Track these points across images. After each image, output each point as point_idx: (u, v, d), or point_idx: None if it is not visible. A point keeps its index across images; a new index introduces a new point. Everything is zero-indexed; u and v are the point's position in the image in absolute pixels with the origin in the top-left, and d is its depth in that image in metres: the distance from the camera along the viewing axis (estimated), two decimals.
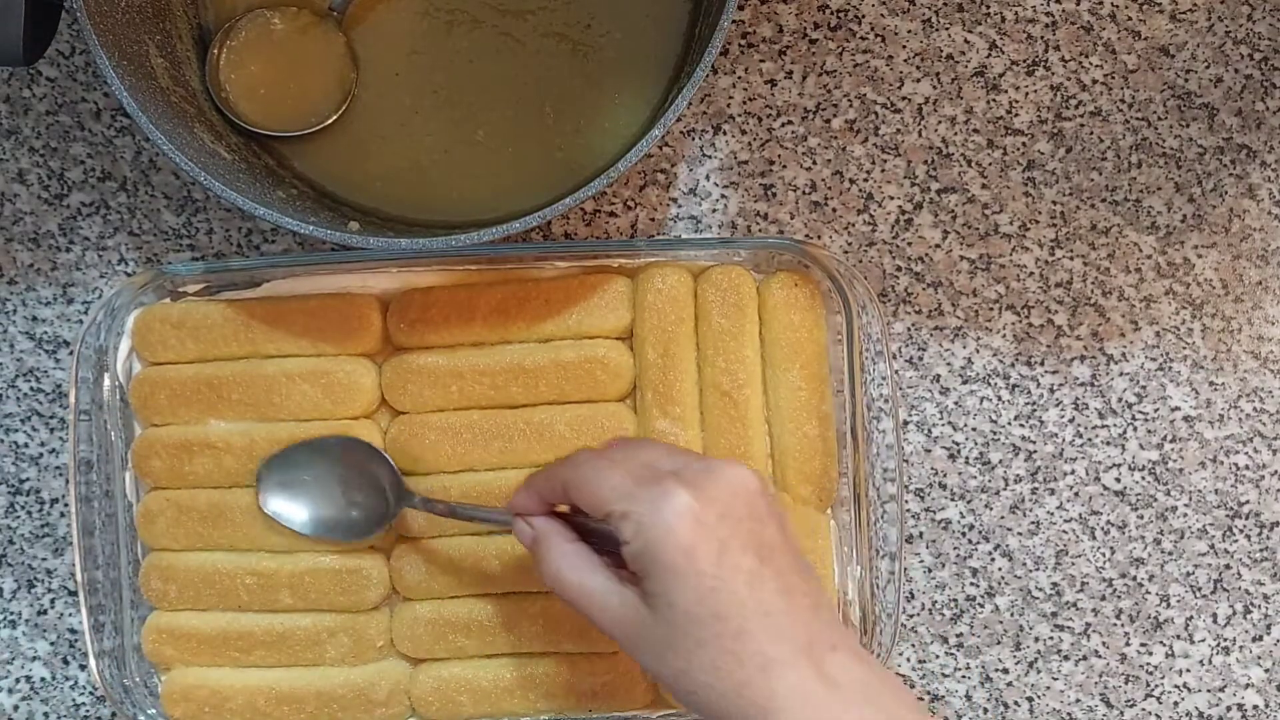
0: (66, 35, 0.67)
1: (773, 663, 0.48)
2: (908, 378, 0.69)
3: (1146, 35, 0.69)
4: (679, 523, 0.48)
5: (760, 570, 0.49)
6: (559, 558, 0.53)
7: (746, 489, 0.50)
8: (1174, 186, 0.69)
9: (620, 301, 0.65)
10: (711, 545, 0.48)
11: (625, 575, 0.51)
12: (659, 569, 0.49)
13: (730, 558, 0.49)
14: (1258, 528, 0.69)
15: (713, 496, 0.49)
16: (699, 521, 0.48)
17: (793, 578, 0.50)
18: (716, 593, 0.48)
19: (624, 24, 0.65)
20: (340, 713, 0.64)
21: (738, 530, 0.49)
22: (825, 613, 0.50)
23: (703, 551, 0.48)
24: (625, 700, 0.64)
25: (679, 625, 0.48)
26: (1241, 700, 0.69)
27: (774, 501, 0.52)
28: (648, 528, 0.49)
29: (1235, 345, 0.69)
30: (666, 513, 0.48)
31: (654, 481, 0.50)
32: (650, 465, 0.51)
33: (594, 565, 0.52)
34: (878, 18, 0.68)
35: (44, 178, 0.68)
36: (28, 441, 0.68)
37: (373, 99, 0.65)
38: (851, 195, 0.68)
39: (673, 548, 0.48)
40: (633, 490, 0.50)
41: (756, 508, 0.50)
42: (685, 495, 0.49)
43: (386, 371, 0.65)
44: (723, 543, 0.49)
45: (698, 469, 0.51)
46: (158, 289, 0.65)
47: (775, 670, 0.48)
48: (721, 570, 0.48)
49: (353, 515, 0.63)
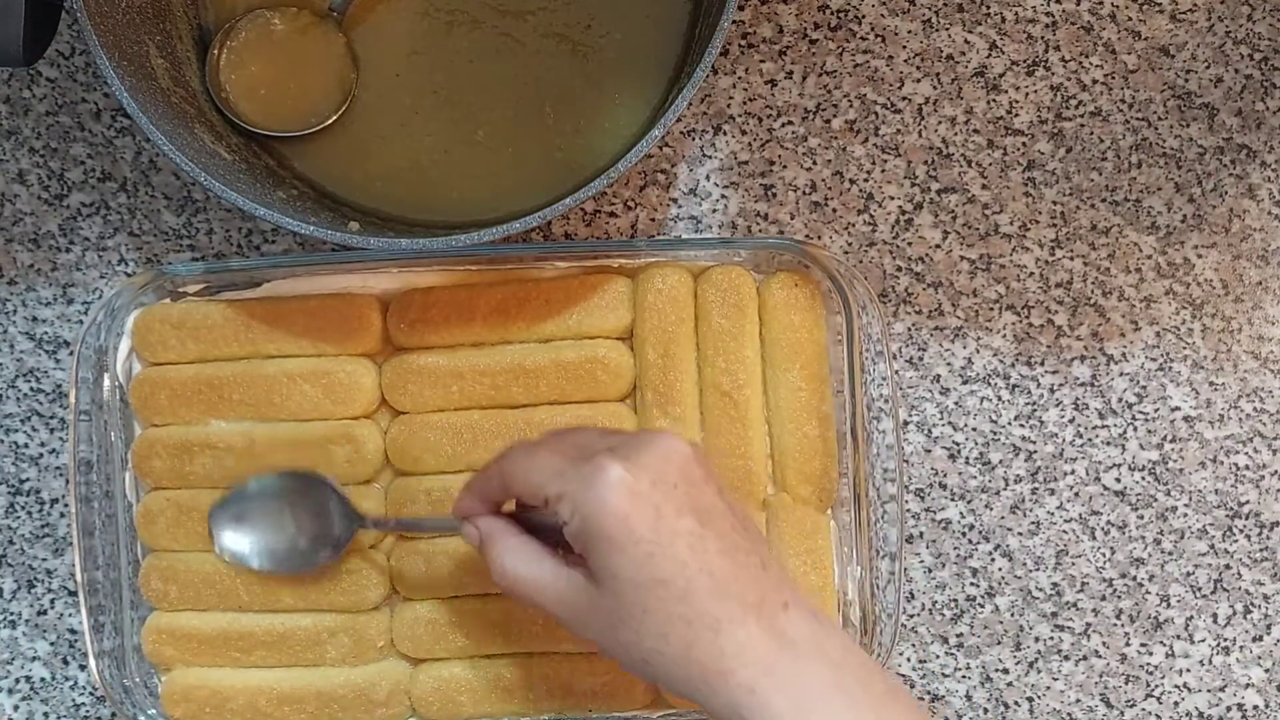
0: (66, 35, 0.67)
1: (721, 622, 0.48)
2: (908, 378, 0.69)
3: (1146, 35, 0.69)
4: (612, 493, 0.48)
5: (701, 532, 0.49)
6: (504, 552, 0.53)
7: (679, 454, 0.50)
8: (1174, 186, 0.69)
9: (620, 301, 0.65)
10: (647, 511, 0.48)
11: (573, 559, 0.51)
12: (599, 542, 0.48)
13: (667, 522, 0.48)
14: (1258, 528, 0.69)
15: (644, 464, 0.49)
16: (632, 490, 0.48)
17: (735, 538, 0.50)
18: (656, 558, 0.48)
19: (624, 24, 0.65)
20: (340, 713, 0.64)
21: (672, 495, 0.49)
22: (774, 571, 0.50)
23: (639, 519, 0.48)
24: (625, 700, 0.64)
25: (625, 596, 0.48)
26: (1241, 700, 0.69)
27: (709, 467, 0.52)
28: (583, 503, 0.49)
29: (1235, 345, 0.69)
30: (600, 486, 0.48)
31: (585, 459, 0.50)
32: (582, 446, 0.51)
33: (540, 555, 0.52)
34: (878, 18, 0.68)
35: (44, 178, 0.68)
36: (28, 442, 0.68)
37: (373, 99, 0.65)
38: (851, 195, 0.68)
39: (609, 519, 0.48)
40: (565, 469, 0.50)
41: (691, 473, 0.50)
42: (616, 467, 0.49)
43: (387, 371, 0.65)
44: (658, 508, 0.48)
45: (628, 442, 0.51)
46: (158, 289, 0.65)
47: (725, 629, 0.47)
48: (660, 535, 0.48)
49: (302, 546, 0.63)
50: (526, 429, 0.64)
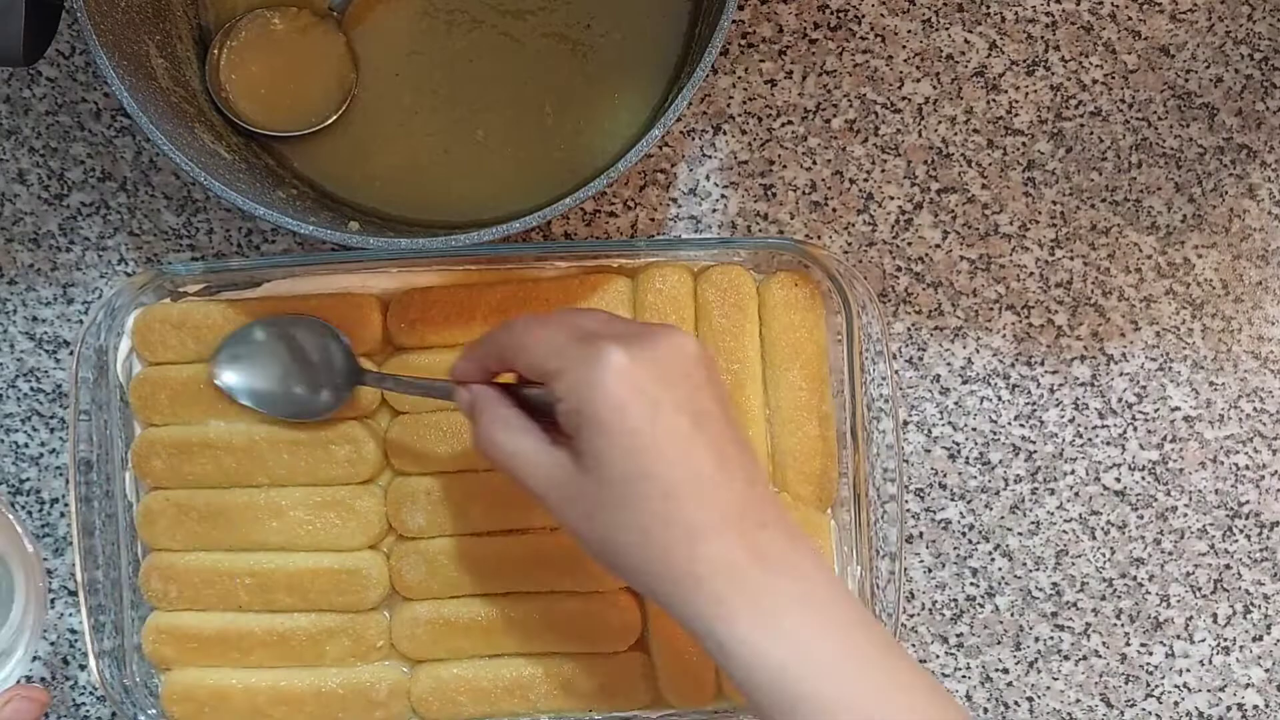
0: (66, 35, 0.67)
1: (699, 528, 0.47)
2: (908, 378, 0.69)
3: (1146, 35, 0.69)
4: (612, 380, 0.47)
5: (694, 434, 0.48)
6: (491, 421, 0.52)
7: (685, 353, 0.49)
8: (1174, 186, 0.69)
9: (620, 301, 0.65)
10: (644, 404, 0.47)
11: (559, 439, 0.50)
12: (590, 426, 0.48)
13: (663, 418, 0.47)
14: (1258, 528, 0.69)
15: (649, 358, 0.48)
16: (633, 380, 0.47)
17: (728, 447, 0.49)
18: (646, 451, 0.47)
19: (624, 24, 0.65)
20: (340, 713, 0.64)
21: (673, 392, 0.48)
22: (760, 487, 0.49)
23: (635, 410, 0.47)
24: (625, 700, 0.64)
25: (607, 483, 0.48)
26: (1241, 700, 0.69)
27: (714, 371, 0.51)
28: (580, 384, 0.48)
29: (1235, 345, 0.69)
30: (600, 370, 0.48)
31: (589, 341, 0.49)
32: (589, 328, 0.51)
33: (526, 428, 0.52)
34: (878, 18, 0.68)
35: (44, 178, 0.68)
36: (28, 441, 0.68)
37: (373, 99, 0.65)
38: (851, 195, 0.68)
39: (604, 404, 0.47)
40: (567, 348, 0.49)
41: (694, 373, 0.49)
42: (620, 354, 0.48)
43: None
44: (656, 403, 0.48)
45: (636, 331, 0.50)
46: (158, 289, 0.65)
47: (701, 536, 0.47)
48: (654, 429, 0.47)
49: (298, 392, 0.63)
50: None
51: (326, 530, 0.64)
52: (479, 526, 0.64)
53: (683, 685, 0.64)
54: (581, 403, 0.48)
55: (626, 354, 0.48)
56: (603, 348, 0.48)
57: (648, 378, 0.48)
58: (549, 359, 0.50)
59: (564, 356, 0.49)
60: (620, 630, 0.64)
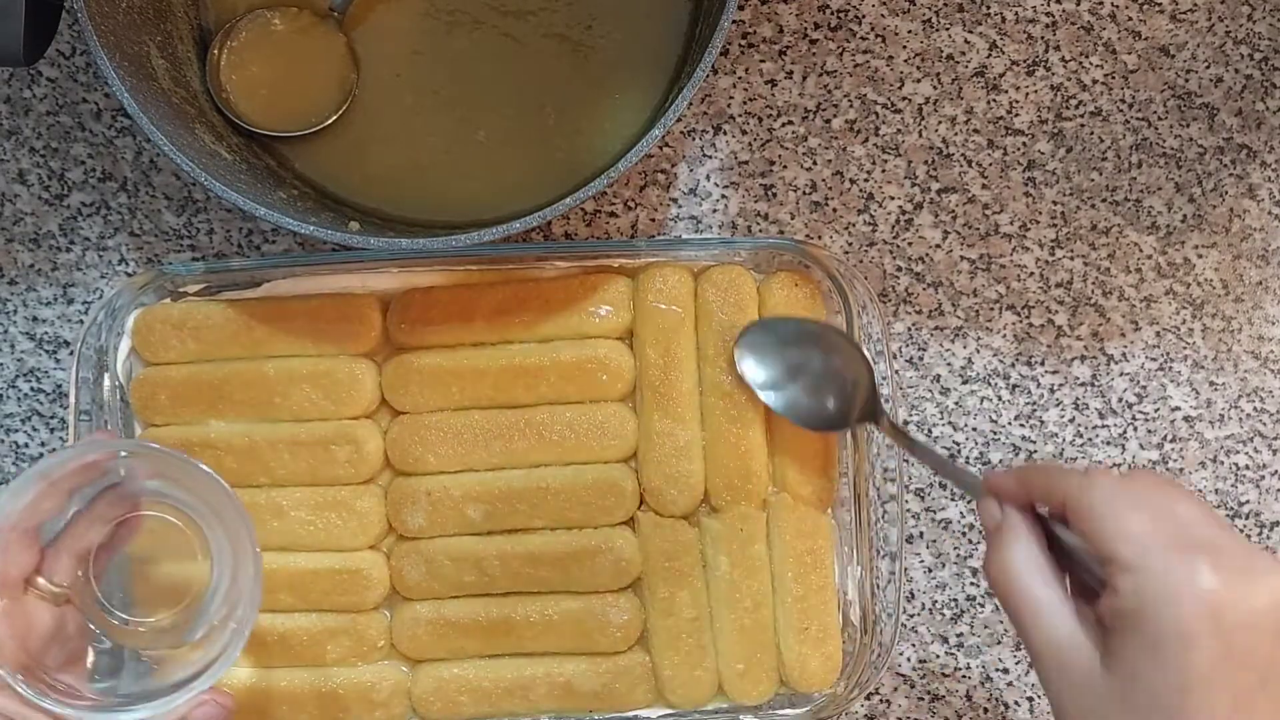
0: (66, 35, 0.67)
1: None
2: (908, 378, 0.69)
3: (1146, 35, 0.69)
4: (1194, 608, 0.42)
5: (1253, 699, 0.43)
6: (1017, 554, 0.48)
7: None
8: (1174, 186, 0.69)
9: (620, 301, 0.65)
10: (1216, 648, 0.42)
11: (1084, 611, 0.46)
12: (1142, 639, 0.43)
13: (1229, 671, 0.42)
14: (1258, 528, 0.69)
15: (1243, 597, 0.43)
16: (1217, 618, 0.42)
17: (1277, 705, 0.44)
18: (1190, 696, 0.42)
19: (624, 24, 0.65)
20: (340, 713, 0.64)
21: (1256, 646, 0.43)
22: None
23: (1204, 650, 0.42)
24: (625, 700, 0.64)
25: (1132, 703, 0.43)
26: None
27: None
28: (1153, 594, 0.43)
29: (1235, 345, 0.69)
30: (1184, 591, 0.43)
31: (1183, 548, 0.44)
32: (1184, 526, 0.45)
33: (1052, 580, 0.48)
34: (878, 18, 0.68)
35: (44, 178, 0.68)
36: (28, 441, 0.68)
37: (373, 99, 0.65)
38: (852, 195, 0.68)
39: (1172, 629, 0.43)
40: (1154, 546, 0.44)
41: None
42: (1213, 580, 0.43)
43: (386, 371, 0.65)
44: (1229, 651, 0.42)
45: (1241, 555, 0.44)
46: (158, 289, 0.65)
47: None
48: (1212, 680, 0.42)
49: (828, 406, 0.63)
50: (526, 429, 0.64)
51: (327, 530, 0.64)
52: (479, 527, 0.64)
53: (683, 685, 0.64)
54: (1144, 612, 0.43)
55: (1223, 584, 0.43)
56: (1198, 567, 0.43)
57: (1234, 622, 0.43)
58: (1126, 546, 0.45)
59: (1147, 554, 0.44)
60: (620, 630, 0.64)
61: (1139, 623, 0.43)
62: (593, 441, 0.64)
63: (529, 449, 0.64)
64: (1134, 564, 0.44)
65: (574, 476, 0.64)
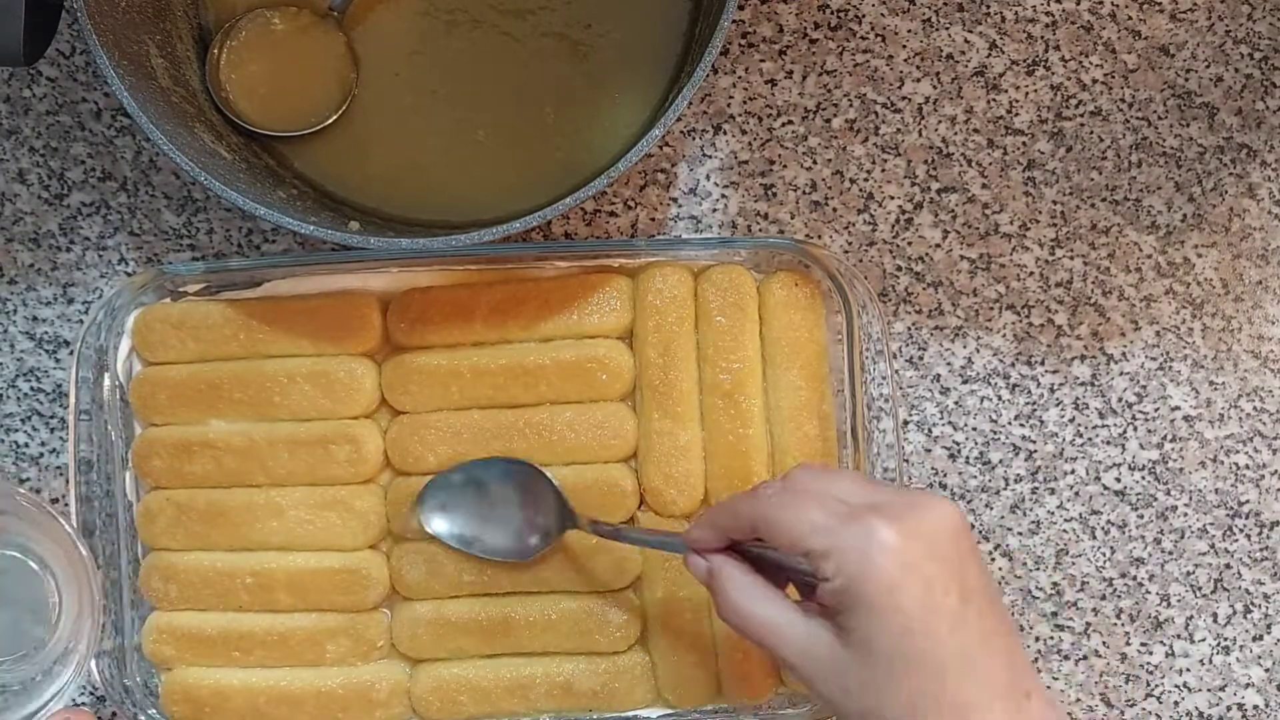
0: (66, 35, 0.67)
1: (970, 707, 0.47)
2: (908, 377, 0.69)
3: (1146, 35, 0.69)
4: (884, 560, 0.47)
5: (963, 611, 0.48)
6: (736, 590, 0.52)
7: (952, 525, 0.49)
8: (1174, 186, 0.69)
9: (620, 301, 0.65)
10: (916, 585, 0.47)
11: (809, 607, 0.50)
12: (860, 606, 0.47)
13: (934, 598, 0.47)
14: (1258, 527, 0.69)
15: (918, 534, 0.48)
16: (904, 561, 0.47)
17: (992, 619, 0.49)
18: (915, 634, 0.47)
19: (624, 24, 0.65)
20: (340, 713, 0.64)
21: (943, 570, 0.48)
22: (1019, 655, 0.49)
23: (907, 591, 0.47)
24: (625, 700, 0.64)
25: (873, 661, 0.47)
26: (1242, 700, 0.69)
27: (973, 539, 0.50)
28: (850, 565, 0.47)
29: (1235, 345, 0.69)
30: (871, 551, 0.47)
31: (855, 518, 0.48)
32: (846, 500, 0.50)
33: (774, 597, 0.51)
34: (878, 17, 0.68)
35: (44, 178, 0.68)
36: (28, 441, 0.68)
37: (373, 99, 0.65)
38: (851, 195, 0.68)
39: (876, 586, 0.47)
40: (833, 527, 0.48)
41: (961, 546, 0.49)
42: (890, 532, 0.47)
43: (386, 371, 0.65)
44: (927, 582, 0.47)
45: (900, 505, 0.49)
46: (158, 289, 0.65)
47: (972, 715, 0.47)
48: (924, 611, 0.47)
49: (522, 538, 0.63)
50: (526, 429, 0.64)
51: (327, 530, 0.64)
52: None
53: (683, 685, 0.64)
54: (851, 583, 0.47)
55: (896, 532, 0.47)
56: (872, 526, 0.48)
57: (918, 556, 0.47)
58: (813, 538, 0.49)
59: (831, 535, 0.48)
60: (620, 630, 0.64)
61: (852, 595, 0.47)
62: (592, 441, 0.64)
63: (529, 449, 0.64)
64: (826, 549, 0.48)
65: (574, 476, 0.64)
